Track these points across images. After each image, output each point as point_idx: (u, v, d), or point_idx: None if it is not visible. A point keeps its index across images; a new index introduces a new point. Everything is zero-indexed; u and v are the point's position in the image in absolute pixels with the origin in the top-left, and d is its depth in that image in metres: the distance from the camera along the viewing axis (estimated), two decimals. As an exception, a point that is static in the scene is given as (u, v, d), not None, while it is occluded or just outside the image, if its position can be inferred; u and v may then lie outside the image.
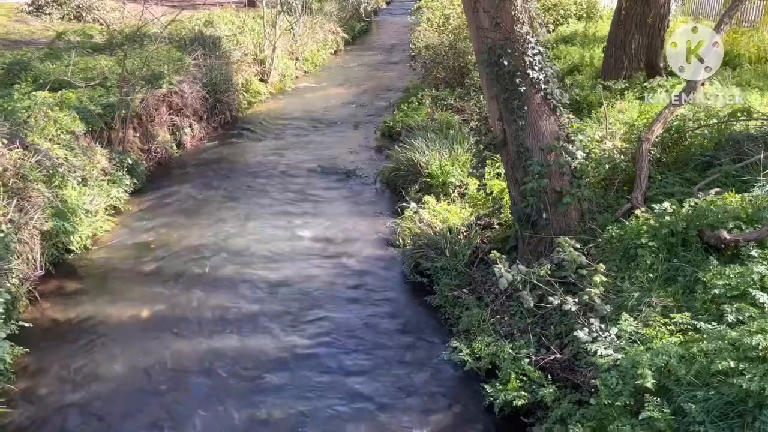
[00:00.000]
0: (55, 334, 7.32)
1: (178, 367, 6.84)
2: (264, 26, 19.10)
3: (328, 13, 26.51)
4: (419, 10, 22.53)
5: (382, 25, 33.95)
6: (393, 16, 36.78)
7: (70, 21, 19.56)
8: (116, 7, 20.33)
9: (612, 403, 4.75)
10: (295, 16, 21.49)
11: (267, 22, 19.10)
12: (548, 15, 18.10)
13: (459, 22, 15.92)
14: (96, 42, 15.71)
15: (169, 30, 15.14)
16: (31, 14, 20.04)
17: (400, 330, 7.66)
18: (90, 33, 16.64)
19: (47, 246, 8.60)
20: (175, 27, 16.00)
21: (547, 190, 7.20)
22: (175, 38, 16.10)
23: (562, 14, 18.72)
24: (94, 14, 19.85)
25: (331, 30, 25.53)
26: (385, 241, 9.87)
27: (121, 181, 10.99)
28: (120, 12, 19.55)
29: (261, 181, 12.37)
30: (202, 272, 8.89)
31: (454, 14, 16.62)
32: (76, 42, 15.40)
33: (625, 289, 6.10)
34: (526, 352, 6.36)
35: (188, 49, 15.41)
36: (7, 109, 9.67)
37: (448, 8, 17.38)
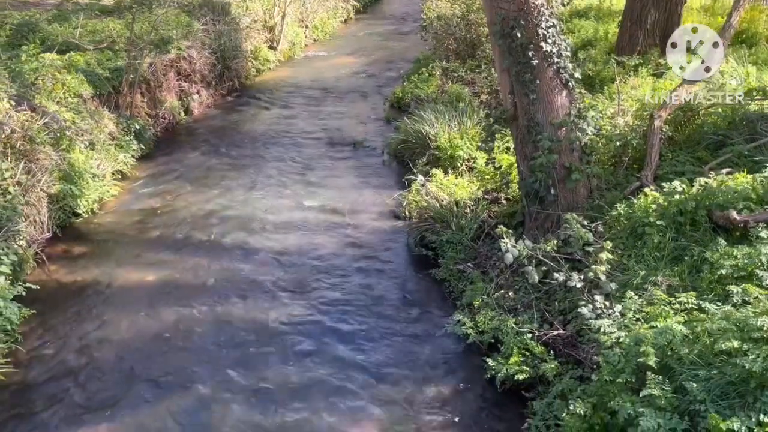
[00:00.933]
0: (61, 296, 7.38)
1: (183, 332, 6.90)
2: (274, -8, 18.84)
3: (339, -20, 26.10)
4: (432, -21, 22.10)
5: (393, -6, 33.41)
6: (405, -15, 36.14)
7: (79, -18, 19.34)
8: (125, -30, 20.06)
9: (613, 380, 4.76)
10: (306, -17, 21.18)
11: (277, -12, 18.83)
12: (563, -13, 17.76)
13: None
14: (104, 4, 15.56)
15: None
16: (39, -25, 19.79)
17: (404, 302, 7.68)
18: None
19: (54, 209, 8.63)
20: (184, -9, 15.81)
21: (557, 166, 7.13)
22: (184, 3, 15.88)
23: (578, -13, 18.34)
24: (103, -24, 19.59)
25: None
26: (391, 213, 9.85)
27: (128, 146, 10.97)
28: (129, -26, 19.30)
29: (268, 149, 12.33)
30: (207, 239, 8.92)
31: (466, -16, 16.30)
32: (84, 4, 15.26)
33: (630, 268, 6.08)
34: (529, 327, 6.37)
35: (197, 14, 15.23)
36: (14, 70, 9.61)
37: (462, -22, 17.04)
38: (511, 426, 5.71)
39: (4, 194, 7.65)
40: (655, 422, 4.21)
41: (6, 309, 6.35)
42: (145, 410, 5.74)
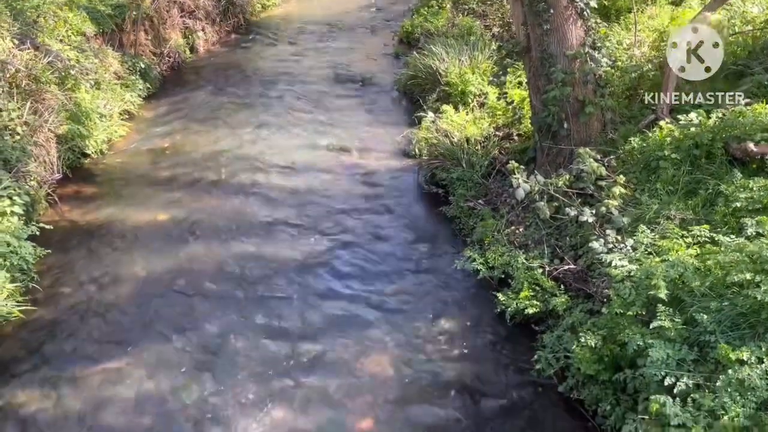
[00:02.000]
0: (75, 237, 7.44)
1: (195, 271, 6.97)
2: (278, -77, 18.13)
3: None
4: None
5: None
6: None
7: None
8: None
9: (624, 313, 4.79)
10: None
11: None
12: None
13: None
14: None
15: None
16: None
17: (415, 239, 7.69)
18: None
19: (63, 150, 8.60)
20: None
21: (570, 99, 6.98)
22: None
23: None
24: None
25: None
26: (401, 151, 9.75)
27: (134, 86, 10.83)
28: None
29: (275, 87, 12.13)
30: (217, 178, 8.90)
31: None
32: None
33: (644, 202, 6.02)
34: (540, 262, 6.38)
35: (199, -54, 14.72)
36: (15, 8, 9.39)
37: None
38: (520, 359, 5.81)
39: (13, 135, 7.61)
40: (664, 353, 4.25)
41: (21, 248, 6.43)
42: (162, 346, 5.87)
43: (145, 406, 5.21)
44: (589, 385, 5.10)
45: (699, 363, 4.26)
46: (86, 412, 5.13)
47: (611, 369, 4.92)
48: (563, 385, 5.32)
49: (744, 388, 3.81)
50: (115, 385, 5.41)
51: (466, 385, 5.55)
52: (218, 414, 5.15)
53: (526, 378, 5.60)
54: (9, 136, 7.52)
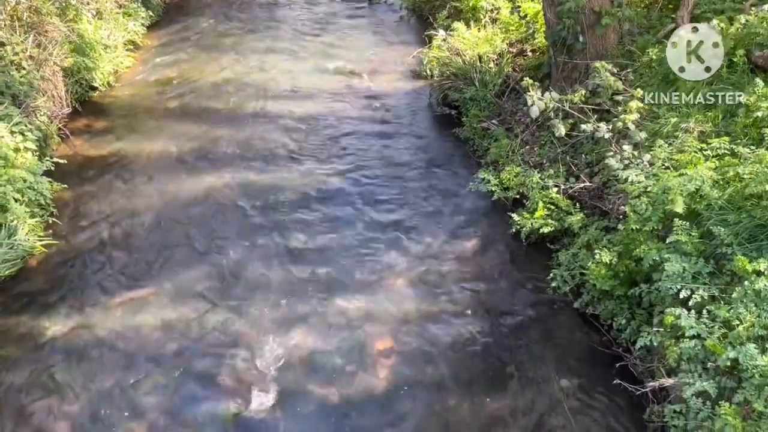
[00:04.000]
0: (89, 171, 7.47)
1: (209, 200, 7.00)
2: None
3: None
4: None
5: None
6: None
7: None
8: None
9: (640, 229, 4.77)
10: None
11: None
12: None
13: None
14: None
15: None
16: None
17: (428, 162, 7.64)
18: None
19: (71, 83, 8.51)
20: None
21: (585, 11, 6.71)
22: None
23: None
24: None
25: None
26: (412, 73, 9.56)
27: (136, 14, 10.59)
28: None
29: (280, 11, 11.81)
30: (226, 107, 8.81)
31: None
32: None
33: (661, 115, 5.87)
34: (555, 181, 6.32)
35: None
36: (8, -64, 9.09)
37: None
38: (536, 277, 5.86)
39: (19, 69, 7.52)
40: (680, 266, 4.25)
41: (38, 184, 6.48)
42: (182, 274, 5.98)
43: (169, 333, 5.37)
44: (604, 300, 5.16)
45: (715, 276, 4.26)
46: (112, 339, 5.30)
47: (626, 284, 4.95)
48: (579, 301, 5.39)
49: (760, 298, 3.83)
50: (138, 313, 5.56)
51: (482, 303, 5.64)
52: (240, 338, 5.30)
53: (541, 296, 5.67)
54: (15, 71, 7.43)
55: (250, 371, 5.02)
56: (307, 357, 5.14)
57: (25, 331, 5.39)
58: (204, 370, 5.04)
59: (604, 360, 4.97)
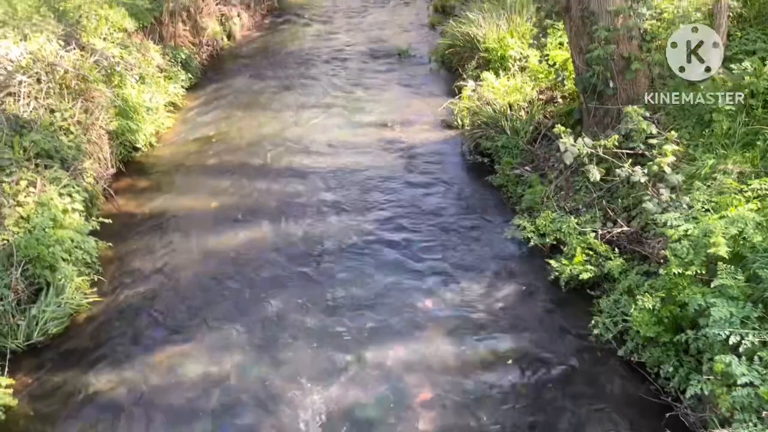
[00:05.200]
0: (132, 228, 7.70)
1: (249, 254, 7.13)
2: None
3: None
4: None
5: None
6: None
7: None
8: None
9: (682, 273, 4.69)
10: None
11: None
12: None
13: None
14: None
15: None
16: None
17: (463, 210, 7.67)
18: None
19: (115, 145, 8.86)
20: None
21: (614, 57, 6.77)
22: None
23: None
24: None
25: None
26: (443, 123, 9.69)
27: (177, 77, 11.03)
28: None
29: (313, 67, 12.18)
30: (263, 163, 9.03)
31: None
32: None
33: (698, 157, 5.84)
34: (592, 226, 6.29)
35: (228, -68, 14.76)
36: (58, 9, 9.65)
37: None
38: (577, 324, 5.77)
39: (67, 134, 7.88)
40: (727, 311, 4.16)
41: (84, 243, 6.69)
42: (223, 328, 6.05)
43: (210, 387, 5.41)
44: (649, 347, 5.04)
45: (765, 320, 4.14)
46: (154, 395, 5.36)
47: (672, 330, 4.84)
48: (623, 348, 5.26)
49: (814, 343, 3.70)
50: (180, 367, 5.63)
51: (523, 353, 5.55)
52: (281, 391, 5.30)
53: (584, 343, 5.56)
54: (64, 136, 7.78)
55: (292, 426, 5.00)
56: (348, 410, 5.11)
57: (71, 388, 5.50)
58: (246, 426, 5.04)
59: (653, 410, 4.81)
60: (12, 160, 6.91)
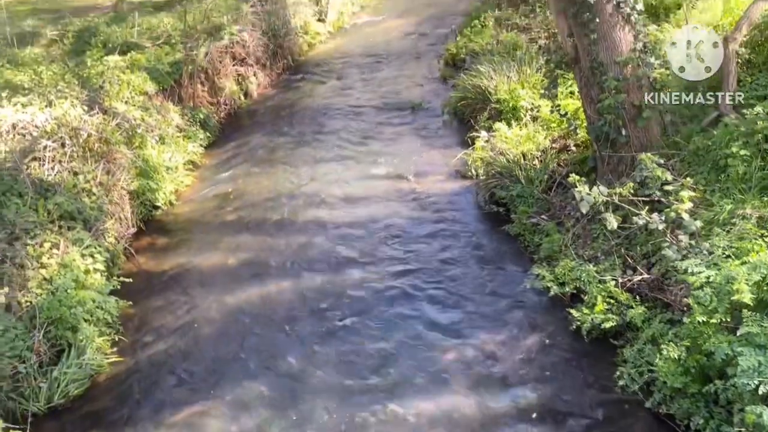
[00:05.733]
0: (152, 287, 7.77)
1: (268, 309, 7.15)
2: (317, -36, 18.69)
3: (380, -59, 25.53)
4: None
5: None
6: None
7: (130, -18, 19.83)
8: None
9: (707, 321, 4.62)
10: (347, -51, 20.84)
11: (319, -42, 18.65)
12: None
13: (518, -66, 15.00)
14: (157, 1, 15.90)
15: (224, -21, 15.07)
16: (92, -21, 20.41)
17: (480, 261, 7.65)
18: (150, -8, 16.85)
19: (136, 204, 9.03)
20: (229, -25, 15.89)
21: (625, 106, 6.85)
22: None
23: None
24: (151, -28, 20.00)
25: (385, -41, 24.65)
26: (457, 173, 9.77)
27: (195, 136, 11.29)
28: (175, -33, 19.60)
29: (328, 122, 12.40)
30: (281, 217, 9.13)
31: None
32: (138, 2, 15.64)
33: (715, 203, 5.82)
34: (612, 274, 6.24)
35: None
36: (82, 76, 10.03)
37: None
38: (602, 375, 5.66)
39: (89, 195, 8.06)
40: (755, 360, 4.08)
41: (105, 303, 6.76)
42: (243, 385, 6.02)
43: (232, 448, 5.35)
44: (677, 398, 4.92)
45: (795, 368, 4.05)
46: (177, 457, 5.32)
47: (700, 380, 4.73)
48: (650, 400, 5.14)
49: None
50: (200, 428, 5.58)
51: (548, 406, 5.44)
52: (303, 451, 5.23)
53: (610, 395, 5.44)
54: (87, 197, 7.96)
55: (314, 487, 4.91)
56: (371, 470, 5.02)
57: (92, 451, 5.47)
58: (267, 488, 4.96)
59: (685, 464, 4.67)
60: (36, 222, 7.06)
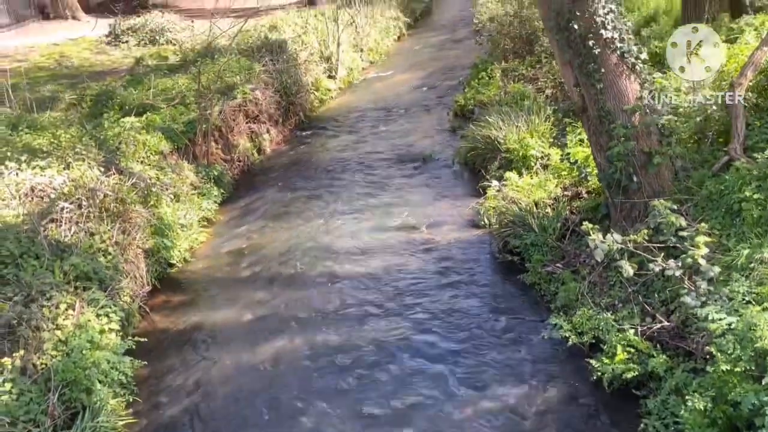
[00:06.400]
0: (167, 345, 7.74)
1: (284, 365, 7.08)
2: (326, 23, 19.26)
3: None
4: (479, -18, 21.97)
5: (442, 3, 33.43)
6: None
7: (146, 46, 20.50)
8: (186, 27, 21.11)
9: (731, 370, 4.51)
10: (355, 8, 21.49)
11: (328, 18, 19.23)
12: (615, -34, 17.19)
13: (522, -11, 15.43)
14: (172, 63, 16.39)
15: (237, 41, 15.53)
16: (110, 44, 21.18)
17: (496, 311, 7.58)
18: (165, 55, 17.39)
19: (151, 263, 9.08)
20: (242, 37, 16.36)
21: (635, 153, 6.88)
22: (243, 47, 16.50)
23: (631, -38, 17.70)
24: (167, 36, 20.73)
25: (392, 16, 25.33)
26: (470, 223, 9.78)
27: (209, 193, 11.42)
28: (190, 30, 20.27)
29: (341, 176, 12.54)
30: (295, 272, 9.14)
31: (515, -19, 16.09)
32: (154, 65, 16.12)
33: (732, 247, 5.76)
34: (631, 322, 6.14)
35: (256, 56, 15.77)
36: (99, 138, 10.27)
37: (509, -24, 16.84)
38: (626, 427, 5.52)
39: (105, 255, 8.13)
40: (784, 411, 3.94)
41: (120, 364, 6.73)
42: (258, 447, 5.93)
43: None
44: (706, 451, 4.76)
45: (826, 418, 3.92)
46: None
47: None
48: (678, 454, 4.98)
49: None
50: (217, 492, 5.47)
51: (571, 462, 5.29)
52: None
53: (635, 449, 5.28)
54: (103, 257, 8.03)
55: None
56: None
57: None
58: None
59: None
60: (52, 284, 7.11)
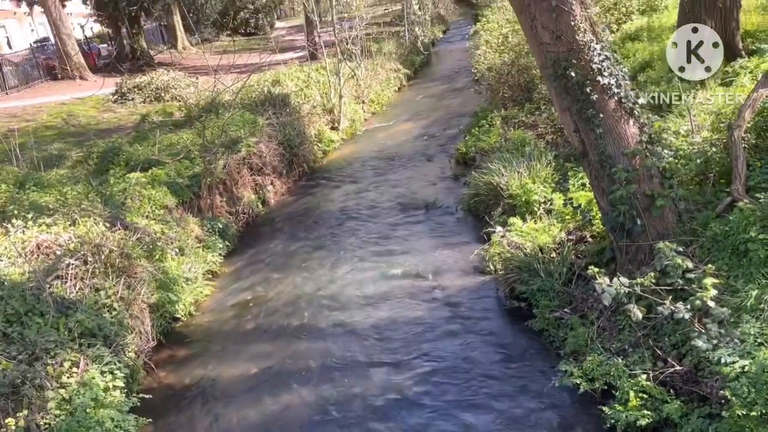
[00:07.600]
0: (172, 402, 7.63)
1: (290, 419, 6.96)
2: (328, 76, 19.68)
3: (387, 52, 26.96)
4: (476, 34, 22.55)
5: (441, 54, 34.23)
6: (451, 44, 37.04)
7: (151, 103, 20.99)
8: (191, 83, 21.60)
9: (747, 414, 4.41)
10: (356, 62, 21.99)
11: (330, 71, 19.66)
12: (609, 15, 17.60)
13: (518, 39, 15.77)
14: (176, 119, 16.70)
15: (240, 96, 15.85)
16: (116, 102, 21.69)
17: (505, 359, 7.47)
18: (170, 111, 17.76)
19: (155, 317, 9.03)
20: (245, 92, 16.72)
21: (638, 196, 6.89)
22: (246, 102, 16.83)
23: (624, 12, 18.13)
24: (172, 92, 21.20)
25: (392, 68, 25.94)
26: (475, 269, 9.74)
27: (214, 246, 11.44)
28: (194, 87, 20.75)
29: (345, 226, 12.58)
30: (300, 323, 9.07)
31: (512, 32, 16.49)
32: (159, 121, 16.43)
33: (740, 288, 5.70)
34: (642, 367, 6.03)
35: (260, 110, 16.07)
36: (105, 194, 10.37)
37: (505, 27, 17.27)
38: (643, 478, 5.35)
39: (110, 311, 8.11)
40: (805, 456, 3.83)
41: (124, 422, 6.62)
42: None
43: None
44: (728, 500, 4.62)
45: None
46: None
47: (748, 479, 4.45)
48: (698, 503, 4.83)
49: None
50: None
51: None
52: None
53: (654, 500, 5.12)
54: (107, 313, 8.00)
55: None
56: None
57: None
58: None
59: None
60: (57, 341, 7.07)
